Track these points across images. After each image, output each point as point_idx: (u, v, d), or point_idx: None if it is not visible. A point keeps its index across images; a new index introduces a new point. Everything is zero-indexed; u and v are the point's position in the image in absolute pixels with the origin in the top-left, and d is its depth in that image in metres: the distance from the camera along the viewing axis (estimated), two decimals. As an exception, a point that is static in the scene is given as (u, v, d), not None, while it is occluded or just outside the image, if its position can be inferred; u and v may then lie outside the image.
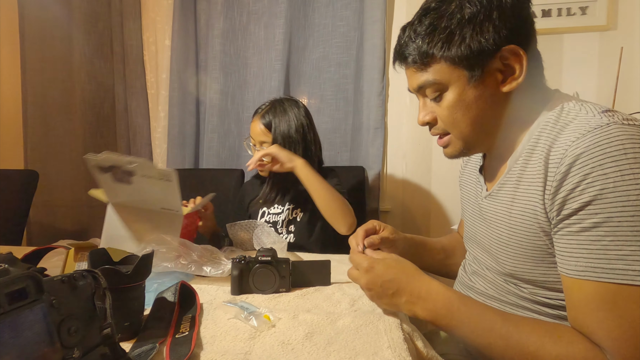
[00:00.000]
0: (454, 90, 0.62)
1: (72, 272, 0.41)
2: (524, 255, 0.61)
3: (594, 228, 0.50)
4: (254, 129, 1.24)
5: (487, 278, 0.71)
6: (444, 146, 0.69)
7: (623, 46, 1.46)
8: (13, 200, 1.51)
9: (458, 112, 0.63)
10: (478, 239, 0.73)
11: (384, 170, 1.72)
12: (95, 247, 0.82)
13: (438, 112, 0.66)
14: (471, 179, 0.81)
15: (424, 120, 0.68)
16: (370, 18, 1.62)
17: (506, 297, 0.66)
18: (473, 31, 0.58)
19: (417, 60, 0.63)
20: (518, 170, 0.62)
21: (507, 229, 0.63)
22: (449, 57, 0.60)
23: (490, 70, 0.60)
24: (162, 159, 1.94)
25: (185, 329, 0.59)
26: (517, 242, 0.62)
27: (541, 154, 0.57)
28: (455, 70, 0.61)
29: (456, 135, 0.66)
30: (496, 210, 0.67)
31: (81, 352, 0.38)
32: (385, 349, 0.55)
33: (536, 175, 0.58)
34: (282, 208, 1.26)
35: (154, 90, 1.96)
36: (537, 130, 0.60)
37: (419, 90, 0.67)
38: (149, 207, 0.91)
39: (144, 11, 1.92)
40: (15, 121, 1.94)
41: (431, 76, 0.63)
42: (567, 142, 0.53)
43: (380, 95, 1.64)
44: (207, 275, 0.84)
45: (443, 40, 0.60)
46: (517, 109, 0.63)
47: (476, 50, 0.58)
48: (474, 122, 0.63)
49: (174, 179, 0.83)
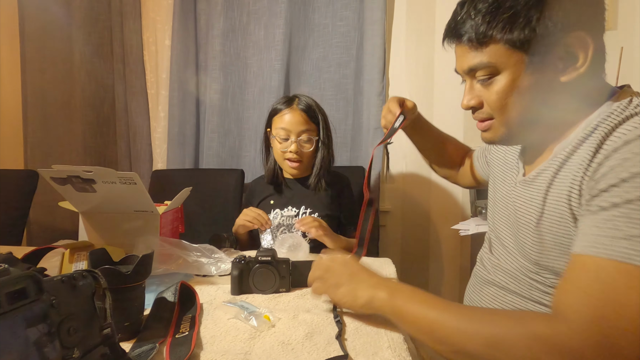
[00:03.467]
0: (509, 75, 0.58)
1: (72, 272, 0.41)
2: (551, 242, 0.59)
3: (612, 208, 0.48)
4: (293, 119, 1.18)
5: (509, 272, 0.69)
6: (483, 130, 0.66)
7: (623, 46, 1.46)
8: (13, 200, 1.50)
9: (509, 98, 0.59)
10: (508, 224, 0.71)
11: (384, 170, 1.72)
12: (91, 246, 0.82)
13: (486, 96, 0.62)
14: (507, 159, 0.78)
15: (468, 105, 0.65)
16: (370, 18, 1.62)
17: (529, 292, 0.64)
18: (540, 14, 0.54)
19: (474, 39, 0.58)
20: (563, 157, 0.59)
21: (538, 214, 0.61)
22: (509, 40, 0.56)
23: (551, 57, 0.56)
24: (162, 159, 1.94)
25: (185, 329, 0.59)
26: (547, 227, 0.59)
27: (593, 142, 0.54)
28: (514, 54, 0.57)
29: (502, 121, 0.63)
30: (531, 196, 0.64)
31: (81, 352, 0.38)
32: (385, 349, 0.55)
33: (582, 161, 0.55)
34: (297, 211, 1.24)
35: (154, 90, 1.95)
36: (596, 120, 0.57)
37: (468, 72, 0.63)
38: (122, 211, 0.91)
39: (144, 11, 1.92)
40: (15, 121, 1.93)
41: (486, 58, 0.58)
42: (624, 130, 0.51)
43: (380, 95, 1.63)
44: (208, 274, 0.84)
45: (506, 21, 0.55)
46: (573, 101, 0.59)
47: (541, 35, 0.54)
48: (525, 110, 0.60)
49: (138, 181, 0.82)
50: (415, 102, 0.94)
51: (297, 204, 1.24)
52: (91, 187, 0.85)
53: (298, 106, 1.20)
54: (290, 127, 1.19)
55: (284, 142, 1.20)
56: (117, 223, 0.91)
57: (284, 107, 1.21)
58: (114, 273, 0.55)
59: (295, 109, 1.20)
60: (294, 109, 1.20)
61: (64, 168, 0.83)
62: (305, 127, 1.19)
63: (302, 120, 1.19)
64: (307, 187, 1.25)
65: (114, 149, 1.98)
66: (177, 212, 1.05)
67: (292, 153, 1.19)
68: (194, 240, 0.93)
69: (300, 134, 1.19)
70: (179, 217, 1.07)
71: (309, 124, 1.20)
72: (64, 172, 0.83)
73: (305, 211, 1.23)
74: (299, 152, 1.19)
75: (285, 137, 1.20)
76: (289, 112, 1.20)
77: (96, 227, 0.93)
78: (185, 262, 0.84)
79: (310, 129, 1.20)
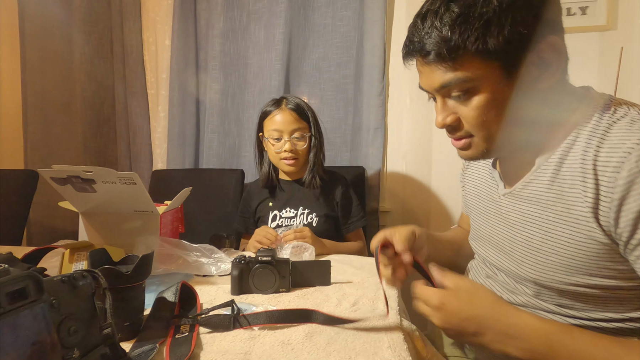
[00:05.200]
0: (487, 88, 0.54)
1: (72, 272, 0.41)
2: (558, 263, 0.56)
3: None
4: (284, 119, 1.20)
5: (500, 282, 0.67)
6: (462, 148, 0.62)
7: (623, 46, 1.46)
8: (13, 200, 1.50)
9: (490, 112, 0.56)
10: (494, 240, 0.68)
11: (384, 170, 1.72)
12: (91, 246, 0.82)
13: (463, 112, 0.58)
14: (481, 173, 0.75)
15: (444, 123, 0.60)
16: (370, 18, 1.62)
17: (520, 300, 0.63)
18: (513, 20, 0.51)
19: (444, 54, 0.54)
20: (551, 169, 0.57)
21: (541, 234, 0.58)
22: (484, 50, 0.52)
23: (526, 64, 0.53)
24: (162, 159, 1.94)
25: (185, 329, 0.59)
26: (552, 248, 0.57)
27: (584, 154, 0.53)
28: (490, 65, 0.53)
29: (482, 137, 0.59)
30: (522, 211, 0.62)
31: (81, 352, 0.38)
32: (385, 349, 0.55)
33: (578, 178, 0.53)
34: (295, 212, 1.24)
35: (154, 91, 1.95)
36: (576, 128, 0.55)
37: (440, 90, 0.58)
38: (122, 211, 0.91)
39: (144, 11, 1.92)
40: (15, 121, 1.94)
41: (460, 73, 0.54)
42: (622, 148, 0.49)
43: (380, 95, 1.63)
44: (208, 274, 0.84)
45: (479, 31, 0.51)
46: (551, 108, 0.57)
47: (515, 42, 0.51)
48: (506, 122, 0.56)
49: (138, 181, 0.82)
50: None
51: (295, 205, 1.25)
52: (91, 187, 0.85)
53: (287, 106, 1.22)
54: (282, 126, 1.20)
55: (278, 142, 1.21)
56: (117, 223, 0.91)
57: (273, 109, 1.23)
58: (114, 273, 0.55)
59: (285, 109, 1.21)
60: (283, 109, 1.22)
61: (64, 168, 0.83)
62: (297, 125, 1.21)
63: (293, 119, 1.21)
64: (304, 186, 1.26)
65: (114, 149, 1.98)
66: (177, 212, 1.05)
67: (287, 152, 1.20)
68: (194, 240, 0.93)
69: (293, 132, 1.20)
70: (179, 217, 1.07)
71: (300, 122, 1.21)
72: (64, 172, 0.83)
73: (304, 212, 1.24)
74: (293, 150, 1.20)
75: (278, 137, 1.21)
76: (279, 112, 1.21)
77: (96, 227, 0.93)
78: (185, 262, 0.84)
79: (301, 126, 1.22)
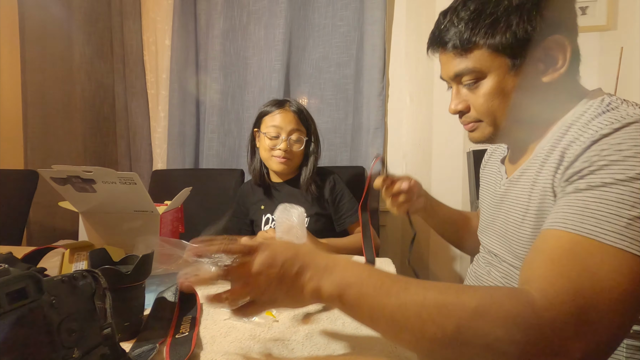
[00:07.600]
0: (493, 78, 0.61)
1: (72, 272, 0.41)
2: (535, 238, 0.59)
3: (586, 190, 0.49)
4: (285, 118, 1.21)
5: (501, 270, 0.69)
6: (470, 130, 0.69)
7: (623, 46, 1.46)
8: (13, 200, 1.50)
9: (495, 100, 0.62)
10: (495, 227, 0.72)
11: (384, 170, 1.72)
12: (91, 246, 0.82)
13: (472, 99, 0.65)
14: (492, 169, 0.80)
15: (456, 109, 0.68)
16: (370, 18, 1.62)
17: None
18: (520, 19, 0.57)
19: (458, 46, 0.62)
20: (543, 156, 0.61)
21: (523, 211, 0.63)
22: (492, 45, 0.59)
23: (532, 59, 0.59)
24: (162, 159, 1.94)
25: (185, 329, 0.59)
26: (530, 223, 0.61)
27: (569, 138, 0.57)
28: (497, 58, 0.60)
29: (488, 122, 0.66)
30: (516, 195, 0.66)
31: (81, 352, 0.38)
32: (386, 349, 0.55)
33: (559, 156, 0.57)
34: None
35: (154, 90, 1.96)
36: (571, 119, 0.59)
37: (454, 78, 0.66)
38: (122, 211, 0.91)
39: (144, 11, 1.92)
40: (15, 121, 1.94)
41: (471, 63, 0.62)
42: (600, 125, 0.53)
43: (380, 95, 1.64)
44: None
45: (488, 27, 0.59)
46: (553, 101, 0.62)
47: (521, 39, 0.58)
48: (510, 110, 0.62)
49: (138, 181, 0.82)
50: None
51: None
52: (91, 187, 0.85)
53: (290, 108, 1.23)
54: (282, 124, 1.20)
55: (274, 139, 1.21)
56: (117, 223, 0.91)
57: (275, 109, 1.24)
58: (114, 273, 0.55)
59: (288, 109, 1.23)
60: (286, 109, 1.23)
61: (64, 168, 0.83)
62: (297, 126, 1.22)
63: (294, 120, 1.21)
64: (296, 187, 1.26)
65: (114, 149, 1.98)
66: (177, 212, 1.05)
67: (281, 151, 1.20)
68: (181, 236, 0.92)
69: (291, 132, 1.21)
70: (179, 217, 1.07)
71: (299, 125, 1.23)
72: (64, 172, 0.83)
73: None
74: (288, 150, 1.20)
75: (275, 134, 1.21)
76: (281, 112, 1.22)
77: (96, 227, 0.93)
78: (185, 262, 0.84)
79: (301, 129, 1.23)
